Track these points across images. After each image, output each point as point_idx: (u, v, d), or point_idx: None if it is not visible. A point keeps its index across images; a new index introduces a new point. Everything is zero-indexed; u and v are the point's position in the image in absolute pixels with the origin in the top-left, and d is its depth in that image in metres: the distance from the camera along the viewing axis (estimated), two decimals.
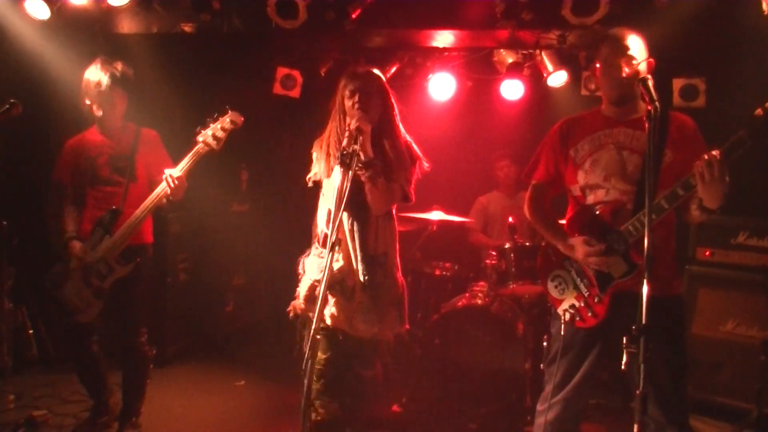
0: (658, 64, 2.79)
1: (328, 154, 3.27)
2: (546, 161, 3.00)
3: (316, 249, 3.33)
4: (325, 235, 3.20)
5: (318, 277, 3.19)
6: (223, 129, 3.67)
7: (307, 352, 2.44)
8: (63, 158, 3.84)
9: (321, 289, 2.57)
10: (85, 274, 3.64)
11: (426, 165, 3.33)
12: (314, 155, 3.37)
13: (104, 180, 3.77)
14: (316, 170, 3.35)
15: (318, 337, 2.48)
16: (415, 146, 3.33)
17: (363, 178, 3.08)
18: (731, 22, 4.42)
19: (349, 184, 2.73)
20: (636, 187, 2.72)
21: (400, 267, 3.39)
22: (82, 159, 3.79)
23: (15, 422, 3.96)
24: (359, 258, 3.16)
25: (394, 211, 3.38)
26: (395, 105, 3.31)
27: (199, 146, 3.67)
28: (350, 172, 2.77)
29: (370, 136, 3.05)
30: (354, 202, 3.08)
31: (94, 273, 3.64)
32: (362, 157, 2.96)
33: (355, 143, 2.91)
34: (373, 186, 3.10)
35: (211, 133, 3.66)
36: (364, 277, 3.15)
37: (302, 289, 3.31)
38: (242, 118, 3.75)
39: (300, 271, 3.38)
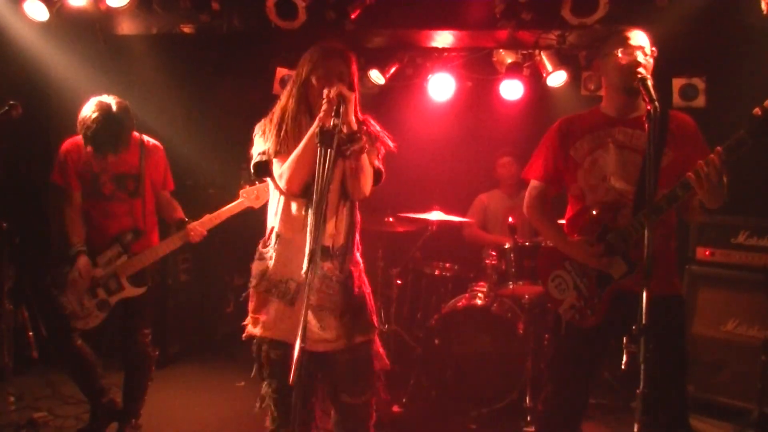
0: (657, 64, 2.79)
1: (281, 131, 2.73)
2: (545, 160, 2.99)
3: (260, 248, 2.86)
4: (271, 230, 2.80)
5: (252, 284, 2.81)
6: (266, 191, 3.69)
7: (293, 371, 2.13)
8: (61, 161, 3.77)
9: (305, 304, 2.22)
10: (92, 286, 3.69)
11: (391, 144, 2.85)
12: (256, 136, 2.83)
13: (107, 196, 3.75)
14: (262, 149, 2.76)
15: (301, 345, 2.14)
16: (373, 123, 2.87)
17: (347, 154, 2.60)
18: (731, 22, 4.42)
19: (332, 167, 2.31)
20: (636, 186, 2.71)
21: (362, 265, 2.89)
22: (83, 170, 3.74)
23: (16, 424, 3.95)
24: (308, 248, 2.45)
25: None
26: (357, 92, 2.78)
27: (241, 201, 3.82)
28: (332, 152, 2.32)
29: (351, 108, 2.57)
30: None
31: (103, 287, 3.70)
32: (345, 130, 2.51)
33: (336, 116, 2.43)
34: (357, 164, 2.64)
35: (255, 192, 3.78)
36: (307, 272, 2.44)
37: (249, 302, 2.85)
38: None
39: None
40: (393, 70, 5.61)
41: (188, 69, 5.76)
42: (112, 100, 3.66)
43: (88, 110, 3.63)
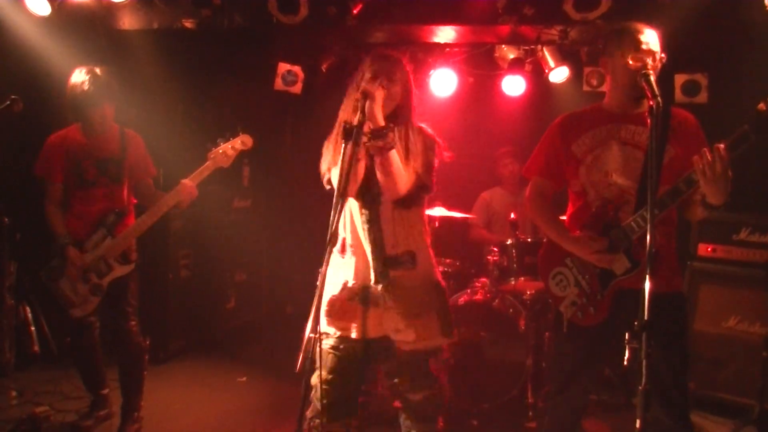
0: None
1: (337, 144, 2.80)
2: (547, 157, 2.98)
3: (338, 258, 2.89)
4: (344, 241, 2.88)
5: (335, 292, 2.82)
6: (233, 149, 3.87)
7: (304, 357, 2.22)
8: (45, 154, 3.86)
9: (317, 292, 2.29)
10: (83, 271, 3.73)
11: (446, 153, 3.02)
12: (324, 150, 2.92)
13: (90, 182, 3.82)
14: (325, 167, 2.87)
15: (315, 335, 2.23)
16: (429, 130, 2.96)
17: (372, 151, 2.64)
18: (733, 18, 4.41)
19: (356, 164, 2.48)
20: (638, 183, 2.71)
21: (436, 267, 2.97)
22: (66, 159, 3.82)
23: (17, 419, 3.97)
24: (372, 260, 2.77)
25: (421, 205, 2.96)
26: (414, 98, 2.95)
27: (209, 163, 3.85)
28: (356, 148, 2.42)
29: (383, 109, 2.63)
30: (366, 190, 2.76)
31: (94, 271, 3.75)
32: (370, 126, 2.55)
33: (362, 113, 2.49)
34: (384, 160, 2.63)
35: (221, 152, 3.85)
36: (377, 283, 2.76)
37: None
38: (252, 141, 3.94)
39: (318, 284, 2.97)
40: None
41: (189, 64, 5.75)
42: (95, 67, 3.79)
43: (78, 76, 3.76)
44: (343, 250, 2.88)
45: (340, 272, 2.86)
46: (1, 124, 3.74)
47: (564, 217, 3.02)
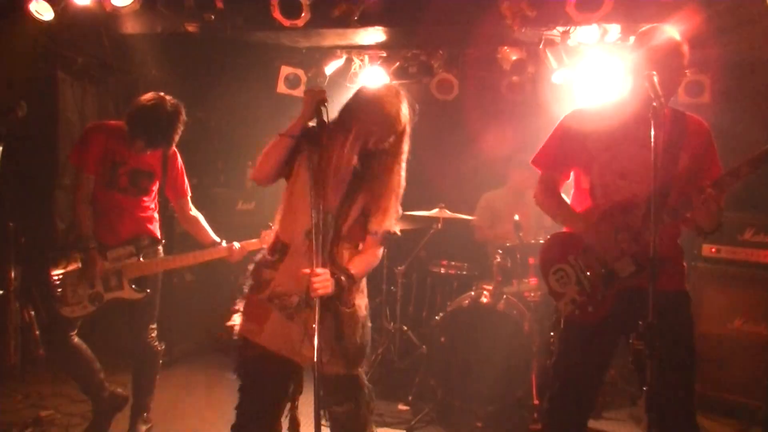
0: None
1: None
2: (556, 149, 2.90)
3: (267, 255, 2.84)
4: (276, 238, 2.83)
5: (253, 290, 2.80)
6: None
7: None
8: (82, 141, 3.71)
9: (317, 311, 2.36)
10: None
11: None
12: None
13: (120, 188, 3.72)
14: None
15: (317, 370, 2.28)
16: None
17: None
18: (735, 18, 4.40)
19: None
20: (650, 186, 2.68)
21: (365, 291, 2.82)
22: (104, 156, 3.68)
23: (23, 422, 3.98)
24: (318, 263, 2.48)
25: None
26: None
27: (258, 240, 3.99)
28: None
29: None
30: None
31: (102, 280, 3.64)
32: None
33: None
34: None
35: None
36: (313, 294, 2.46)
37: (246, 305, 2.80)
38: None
39: (252, 280, 2.88)
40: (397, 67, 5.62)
41: (192, 68, 5.77)
42: (168, 98, 3.77)
43: (147, 97, 3.72)
44: (274, 248, 2.81)
45: (267, 271, 2.79)
46: (5, 129, 3.74)
47: None
